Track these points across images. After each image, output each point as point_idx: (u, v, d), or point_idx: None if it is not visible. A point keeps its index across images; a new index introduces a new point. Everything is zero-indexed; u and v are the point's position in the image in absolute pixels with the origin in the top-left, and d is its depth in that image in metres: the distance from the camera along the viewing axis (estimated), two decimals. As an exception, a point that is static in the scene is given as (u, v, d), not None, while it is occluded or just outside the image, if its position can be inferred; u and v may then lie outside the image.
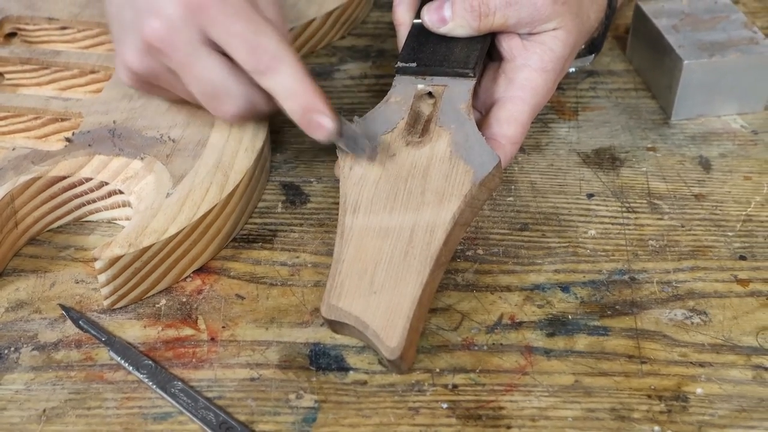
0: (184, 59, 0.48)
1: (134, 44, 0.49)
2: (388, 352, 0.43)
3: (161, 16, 0.47)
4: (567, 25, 0.53)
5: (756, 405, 0.44)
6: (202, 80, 0.49)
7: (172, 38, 0.48)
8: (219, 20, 0.47)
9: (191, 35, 0.48)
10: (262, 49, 0.47)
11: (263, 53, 0.47)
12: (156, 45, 0.48)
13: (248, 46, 0.47)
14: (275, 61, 0.47)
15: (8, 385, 0.45)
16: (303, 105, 0.48)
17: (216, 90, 0.49)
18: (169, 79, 0.51)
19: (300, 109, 0.48)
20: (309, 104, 0.48)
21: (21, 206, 0.51)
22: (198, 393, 0.45)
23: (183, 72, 0.49)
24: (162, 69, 0.50)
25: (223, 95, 0.49)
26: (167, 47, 0.48)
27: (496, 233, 0.54)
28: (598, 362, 0.46)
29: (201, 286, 0.51)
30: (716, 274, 0.51)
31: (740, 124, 0.63)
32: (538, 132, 0.61)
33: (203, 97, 0.50)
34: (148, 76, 0.51)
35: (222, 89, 0.49)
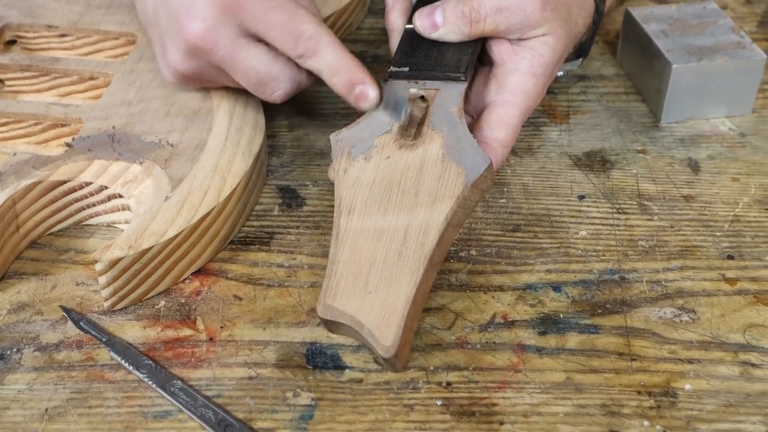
0: (228, 55, 0.51)
1: (177, 47, 0.52)
2: (383, 350, 0.44)
3: (200, 17, 0.50)
4: (556, 31, 0.54)
5: (743, 400, 0.45)
6: (248, 72, 0.52)
7: (214, 37, 0.51)
8: (257, 14, 0.50)
9: (231, 31, 0.51)
10: (302, 35, 0.50)
11: (304, 38, 0.50)
12: (199, 45, 0.51)
13: (288, 33, 0.50)
14: (315, 43, 0.51)
15: (11, 385, 0.46)
16: (348, 79, 0.51)
17: (263, 78, 0.52)
18: (215, 75, 0.54)
19: (346, 84, 0.51)
20: (353, 78, 0.51)
21: (22, 210, 0.52)
22: (197, 392, 0.46)
23: (229, 66, 0.52)
24: (207, 66, 0.53)
25: (270, 81, 0.53)
26: (210, 46, 0.51)
27: (489, 234, 0.55)
28: (589, 360, 0.47)
29: (199, 288, 0.51)
30: (704, 273, 0.52)
31: (728, 127, 0.64)
32: (530, 135, 0.62)
33: (252, 86, 0.53)
34: (194, 74, 0.54)
35: (268, 77, 0.52)
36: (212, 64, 0.52)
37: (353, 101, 0.52)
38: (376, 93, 0.52)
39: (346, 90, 0.52)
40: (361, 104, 0.52)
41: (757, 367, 0.47)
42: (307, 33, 0.51)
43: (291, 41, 0.51)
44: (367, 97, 0.52)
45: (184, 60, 0.53)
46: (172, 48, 0.53)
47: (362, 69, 0.52)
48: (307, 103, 0.65)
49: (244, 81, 0.53)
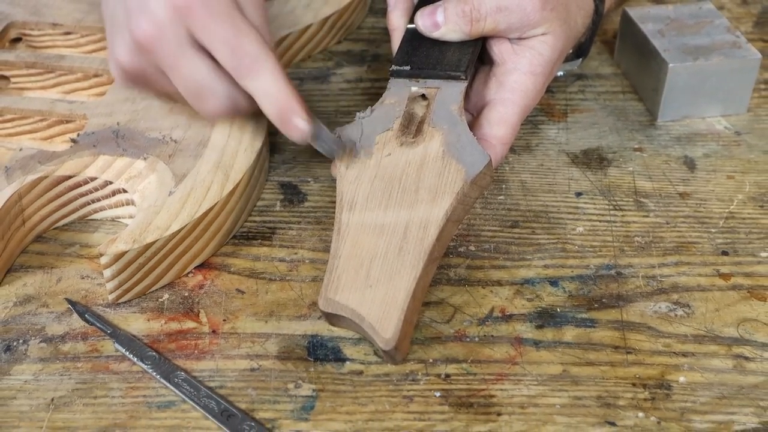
0: (171, 59, 0.50)
1: (125, 42, 0.52)
2: (383, 343, 0.45)
3: (150, 16, 0.50)
4: (555, 30, 0.55)
5: (736, 392, 0.46)
6: (187, 79, 0.51)
7: (160, 38, 0.50)
8: (204, 22, 0.49)
9: (178, 36, 0.50)
10: (244, 52, 0.49)
11: (244, 56, 0.49)
12: (145, 44, 0.50)
13: (230, 48, 0.49)
14: (255, 64, 0.49)
15: (18, 375, 0.47)
16: (280, 107, 0.50)
17: (200, 88, 0.51)
18: (157, 77, 0.52)
19: (277, 111, 0.50)
20: (285, 107, 0.50)
21: (28, 204, 0.53)
22: (200, 383, 0.46)
23: (170, 70, 0.51)
24: (150, 67, 0.52)
25: (207, 94, 0.51)
26: (155, 46, 0.50)
27: (488, 230, 0.56)
28: (585, 353, 0.48)
29: (202, 281, 0.52)
30: (699, 269, 0.53)
31: (724, 126, 0.65)
32: (528, 133, 0.63)
33: (188, 94, 0.52)
34: (138, 73, 0.53)
35: (206, 88, 0.51)
36: (155, 66, 0.51)
37: (284, 131, 0.51)
38: (308, 128, 0.50)
39: (275, 117, 0.50)
40: (291, 135, 0.51)
41: (750, 360, 0.48)
42: (250, 52, 0.49)
43: (231, 56, 0.49)
44: (298, 129, 0.50)
45: (131, 57, 0.52)
46: (121, 42, 0.52)
47: (298, 100, 0.50)
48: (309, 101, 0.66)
49: (182, 88, 0.52)
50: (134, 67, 0.52)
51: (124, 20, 0.51)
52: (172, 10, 0.49)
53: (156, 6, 0.49)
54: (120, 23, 0.52)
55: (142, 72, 0.53)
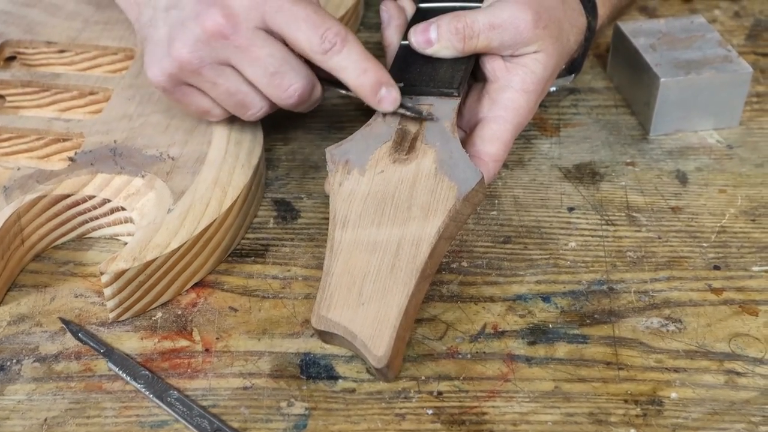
0: (246, 42, 0.50)
1: (191, 35, 0.51)
2: (376, 360, 0.45)
3: (223, 7, 0.50)
4: (548, 48, 0.55)
5: (728, 408, 0.46)
6: (264, 59, 0.51)
7: (234, 24, 0.50)
8: (281, 7, 0.50)
9: (253, 22, 0.50)
10: (329, 29, 0.50)
11: (331, 33, 0.50)
12: (218, 31, 0.50)
13: (314, 27, 0.50)
14: (343, 39, 0.50)
15: (11, 395, 0.47)
16: (374, 79, 0.51)
17: (279, 67, 0.51)
18: (213, 74, 0.52)
19: (374, 84, 0.51)
20: (380, 78, 0.51)
21: (27, 224, 0.53)
22: (193, 402, 0.46)
23: (245, 56, 0.51)
24: (212, 60, 0.51)
25: (287, 71, 0.51)
26: (229, 32, 0.50)
27: (480, 246, 0.56)
28: (577, 369, 0.48)
29: (196, 299, 0.52)
30: (691, 284, 0.53)
31: (716, 139, 0.65)
32: (520, 148, 0.64)
33: (265, 76, 0.51)
34: (196, 68, 0.51)
35: (285, 66, 0.51)
36: (219, 60, 0.51)
37: (376, 103, 0.52)
38: (399, 97, 0.51)
39: (372, 90, 0.51)
40: (384, 106, 0.52)
41: (741, 375, 0.48)
42: (334, 28, 0.50)
43: (317, 35, 0.50)
44: (393, 99, 0.51)
45: (194, 48, 0.51)
46: (185, 36, 0.51)
47: (386, 71, 0.51)
48: (302, 117, 0.66)
49: (259, 70, 0.51)
50: (194, 59, 0.51)
51: (189, 15, 0.51)
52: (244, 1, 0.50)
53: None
54: (183, 19, 0.51)
55: (200, 66, 0.51)
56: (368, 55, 0.51)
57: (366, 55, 0.51)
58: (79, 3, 0.69)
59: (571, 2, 0.58)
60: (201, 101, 0.54)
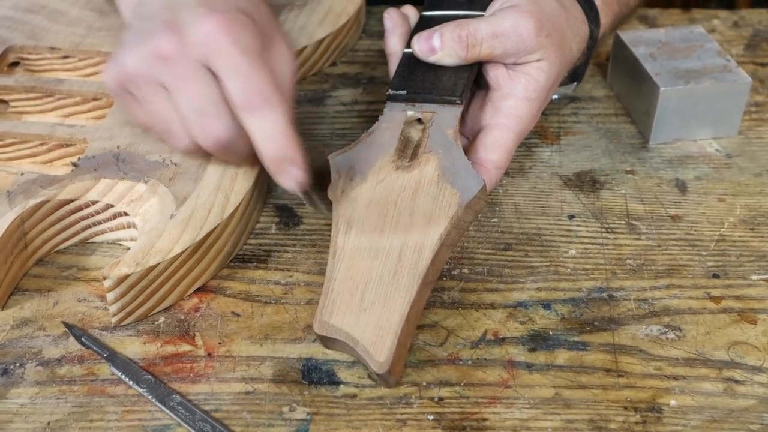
0: (183, 74, 0.50)
1: (140, 50, 0.51)
2: (377, 366, 0.46)
3: (177, 33, 0.50)
4: (550, 56, 0.55)
5: (726, 416, 0.47)
6: (196, 96, 0.50)
7: (180, 52, 0.50)
8: (228, 51, 0.49)
9: (198, 58, 0.50)
10: (255, 89, 0.49)
11: (254, 92, 0.49)
12: (164, 54, 0.50)
13: (243, 81, 0.49)
14: (263, 103, 0.49)
15: (14, 399, 0.47)
16: (279, 153, 0.50)
17: (206, 108, 0.50)
18: (149, 93, 0.52)
19: (276, 155, 0.50)
20: (285, 153, 0.50)
21: (30, 228, 0.53)
22: (195, 406, 0.47)
23: (177, 85, 0.50)
24: (150, 79, 0.51)
25: (212, 114, 0.50)
26: (172, 60, 0.50)
27: (481, 253, 0.56)
28: (577, 376, 0.49)
29: (198, 304, 0.53)
30: (690, 292, 0.54)
31: (715, 148, 0.65)
32: (521, 156, 0.64)
33: (190, 111, 0.51)
34: (135, 78, 0.52)
35: (213, 109, 0.50)
36: (157, 83, 0.51)
37: (277, 177, 0.51)
38: (303, 176, 0.50)
39: (273, 164, 0.50)
40: (284, 183, 0.50)
41: (740, 383, 0.48)
42: (261, 91, 0.49)
43: (242, 90, 0.49)
44: (293, 177, 0.50)
45: (140, 63, 0.51)
46: (136, 49, 0.51)
47: (298, 150, 0.50)
48: (304, 124, 0.67)
49: (187, 105, 0.50)
50: (137, 73, 0.51)
51: (153, 30, 0.51)
52: (199, 35, 0.50)
53: (190, 25, 0.50)
54: (148, 32, 0.52)
55: (141, 81, 0.52)
56: (283, 130, 0.49)
57: (280, 129, 0.49)
58: (82, 9, 0.70)
59: (574, 11, 0.58)
60: (138, 113, 0.54)
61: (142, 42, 0.51)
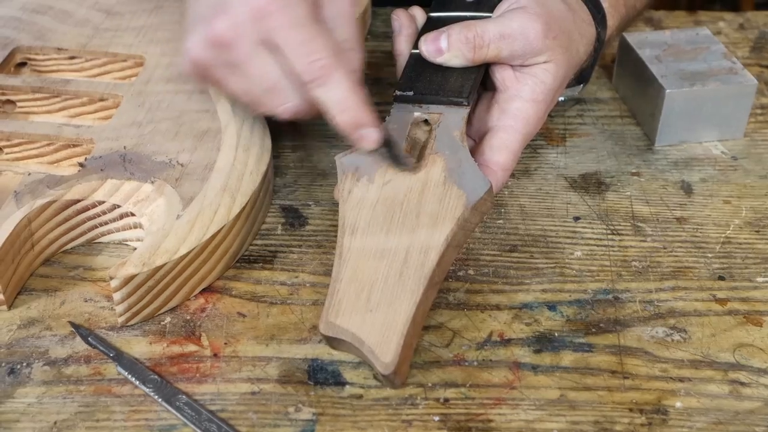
0: (245, 56, 0.51)
1: (200, 36, 0.52)
2: (383, 367, 0.46)
3: (230, 15, 0.51)
4: (557, 58, 0.55)
5: (732, 418, 0.47)
6: (260, 76, 0.52)
7: (236, 36, 0.51)
8: (281, 26, 0.50)
9: (254, 36, 0.51)
10: (318, 60, 0.50)
11: (316, 63, 0.50)
12: (220, 40, 0.51)
13: (303, 54, 0.50)
14: (327, 73, 0.50)
15: (21, 398, 0.47)
16: (352, 119, 0.51)
17: (272, 86, 0.52)
18: (223, 74, 0.53)
19: (350, 123, 0.51)
20: (358, 119, 0.51)
21: (37, 228, 0.53)
22: (201, 406, 0.47)
23: (243, 67, 0.52)
24: (219, 63, 0.53)
25: (278, 90, 0.52)
26: (231, 43, 0.51)
27: (487, 254, 0.56)
28: (582, 377, 0.49)
29: (204, 305, 0.53)
30: (696, 294, 0.54)
31: (721, 150, 0.65)
32: (527, 157, 0.64)
33: (259, 91, 0.53)
34: (205, 67, 0.53)
35: (277, 85, 0.52)
36: (225, 63, 0.52)
37: (354, 141, 0.52)
38: (379, 137, 0.51)
39: (348, 129, 0.51)
40: (363, 145, 0.52)
41: (746, 385, 0.48)
42: (324, 60, 0.50)
43: (305, 63, 0.50)
44: (371, 139, 0.51)
45: (203, 50, 0.52)
46: (197, 36, 0.52)
47: (369, 111, 0.51)
48: (310, 124, 0.67)
49: (253, 84, 0.52)
50: (203, 61, 0.53)
51: (205, 14, 0.52)
52: (252, 12, 0.50)
53: (238, 6, 0.51)
54: (200, 16, 0.53)
55: (210, 66, 0.53)
56: (352, 95, 0.50)
57: (350, 94, 0.50)
58: (89, 10, 0.70)
59: (581, 13, 0.58)
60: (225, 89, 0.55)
61: (197, 29, 0.52)
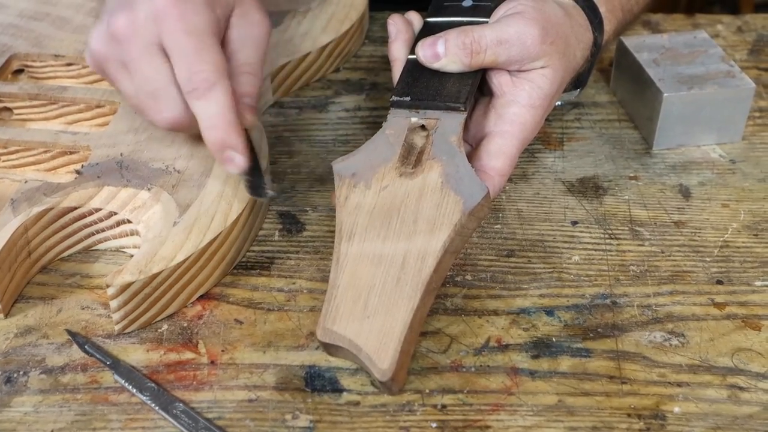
0: (136, 55, 0.51)
1: (101, 30, 0.53)
2: (380, 373, 0.46)
3: (132, 12, 0.51)
4: (554, 63, 0.55)
5: (730, 423, 0.47)
6: (146, 78, 0.51)
7: (132, 33, 0.51)
8: (174, 32, 0.50)
9: (149, 37, 0.51)
10: (199, 72, 0.50)
11: (199, 76, 0.50)
12: (117, 35, 0.51)
13: (188, 64, 0.50)
14: (207, 86, 0.50)
15: (18, 407, 0.47)
16: (220, 139, 0.51)
17: (156, 91, 0.51)
18: (116, 71, 0.53)
19: (217, 142, 0.51)
20: (225, 140, 0.51)
21: (34, 236, 0.53)
22: (198, 414, 0.47)
23: (133, 65, 0.51)
24: (114, 59, 0.52)
25: (162, 97, 0.51)
26: (126, 39, 0.51)
27: (484, 259, 0.56)
28: (580, 383, 0.49)
29: (201, 312, 0.53)
30: (694, 298, 0.54)
31: (719, 154, 0.65)
32: (524, 162, 0.64)
33: (143, 95, 0.52)
34: (101, 61, 0.53)
35: (162, 92, 0.51)
36: (120, 59, 0.52)
37: (219, 161, 0.52)
38: (244, 162, 0.51)
39: (216, 148, 0.51)
40: (226, 168, 0.52)
41: (744, 390, 0.48)
42: (206, 73, 0.50)
43: (186, 73, 0.50)
44: (235, 163, 0.51)
45: (100, 45, 0.52)
46: (98, 29, 0.53)
47: (239, 135, 0.51)
48: (307, 130, 0.67)
49: (139, 86, 0.52)
50: (101, 55, 0.53)
51: (113, 10, 0.52)
52: (153, 12, 0.50)
53: (141, 4, 0.51)
54: (110, 11, 0.53)
55: (106, 62, 0.53)
56: (224, 114, 0.50)
57: (222, 113, 0.50)
58: (86, 17, 0.70)
59: (578, 18, 0.58)
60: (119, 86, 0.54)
61: (102, 22, 0.53)
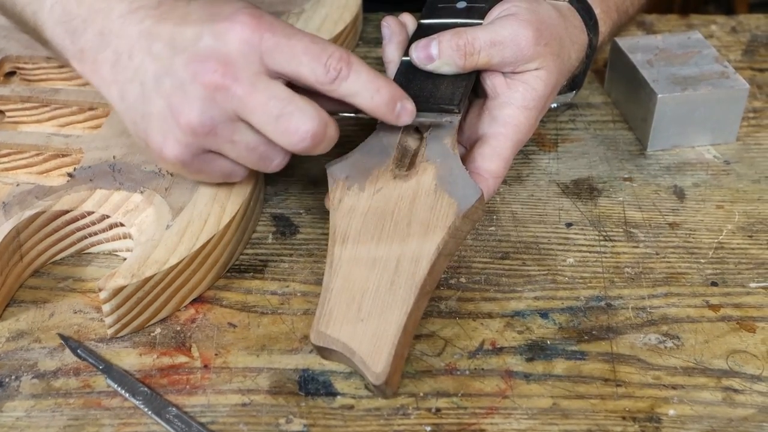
0: (247, 89, 0.47)
1: (194, 96, 0.47)
2: (374, 377, 0.45)
3: (218, 56, 0.47)
4: (549, 65, 0.55)
5: (725, 425, 0.46)
6: (269, 102, 0.47)
7: (233, 73, 0.47)
8: (279, 40, 0.47)
9: (253, 67, 0.47)
10: (332, 57, 0.48)
11: (334, 60, 0.48)
12: (218, 84, 0.47)
13: (317, 58, 0.48)
14: (347, 64, 0.48)
15: (9, 412, 0.47)
16: (389, 96, 0.49)
17: (283, 109, 0.47)
18: (228, 132, 0.48)
19: (387, 101, 0.49)
20: (393, 94, 0.49)
21: (26, 240, 0.53)
22: (192, 418, 0.46)
23: (249, 103, 0.47)
24: (223, 117, 0.48)
25: (292, 112, 0.47)
26: (229, 82, 0.47)
27: (479, 262, 0.56)
28: (575, 385, 0.48)
29: (194, 315, 0.53)
30: (689, 300, 0.54)
31: (713, 155, 0.65)
32: (519, 163, 0.64)
33: (271, 121, 0.47)
34: (207, 131, 0.48)
35: (290, 107, 0.47)
36: (228, 114, 0.48)
37: (394, 118, 0.50)
38: (414, 107, 0.50)
39: (388, 108, 0.49)
40: (403, 119, 0.50)
41: (739, 392, 0.48)
42: (336, 54, 0.48)
43: (321, 65, 0.47)
44: (410, 111, 0.50)
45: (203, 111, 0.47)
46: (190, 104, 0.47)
47: (395, 84, 0.50)
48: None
49: (265, 114, 0.47)
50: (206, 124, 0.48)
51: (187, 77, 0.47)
52: (241, 43, 0.47)
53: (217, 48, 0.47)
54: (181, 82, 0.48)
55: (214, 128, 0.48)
56: (376, 74, 0.49)
57: (374, 74, 0.49)
58: (79, 18, 0.70)
59: (573, 19, 0.58)
60: (223, 165, 0.51)
61: (187, 92, 0.47)
